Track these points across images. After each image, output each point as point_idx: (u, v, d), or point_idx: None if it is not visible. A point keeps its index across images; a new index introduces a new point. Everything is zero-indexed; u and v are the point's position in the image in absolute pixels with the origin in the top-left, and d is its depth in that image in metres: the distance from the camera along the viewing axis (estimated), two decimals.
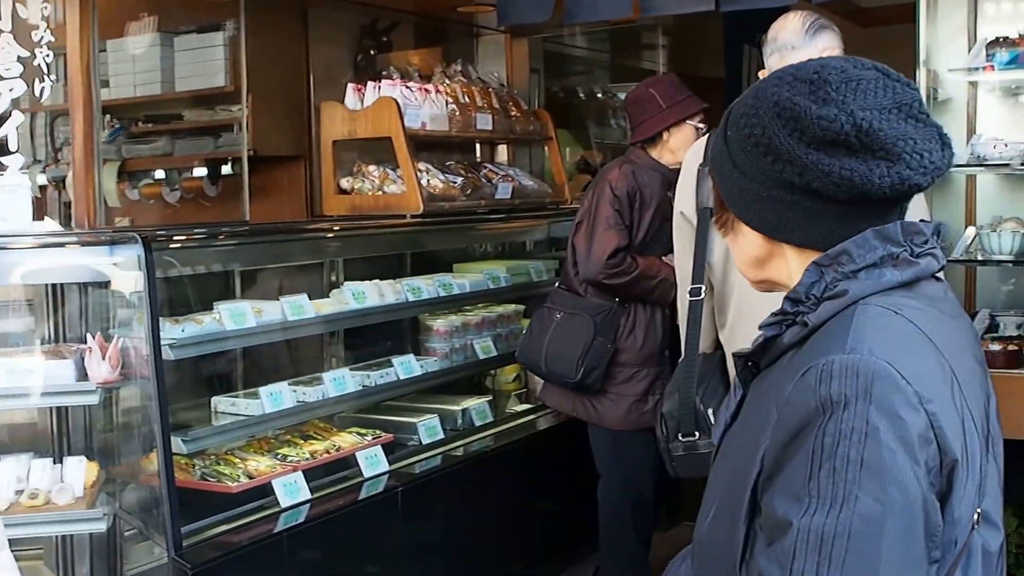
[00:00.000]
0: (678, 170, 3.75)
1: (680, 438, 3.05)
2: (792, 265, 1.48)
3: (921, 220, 1.46)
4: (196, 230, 3.81)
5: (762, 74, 3.10)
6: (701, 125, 3.93)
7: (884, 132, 1.36)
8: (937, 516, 1.31)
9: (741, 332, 2.90)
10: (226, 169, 6.26)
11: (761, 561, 1.33)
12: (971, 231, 3.73)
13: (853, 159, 1.37)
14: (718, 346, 3.11)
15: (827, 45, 2.98)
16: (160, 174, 6.29)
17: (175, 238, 3.40)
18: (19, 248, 3.18)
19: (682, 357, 3.13)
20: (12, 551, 3.45)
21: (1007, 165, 3.61)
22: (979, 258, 3.63)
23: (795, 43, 2.95)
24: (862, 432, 1.28)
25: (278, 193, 5.99)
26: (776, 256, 1.50)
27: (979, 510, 1.38)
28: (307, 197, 6.02)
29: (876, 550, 1.27)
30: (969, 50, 3.86)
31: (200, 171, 6.28)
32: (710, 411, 2.99)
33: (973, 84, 3.95)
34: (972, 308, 3.81)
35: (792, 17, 3.00)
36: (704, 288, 3.05)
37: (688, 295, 3.08)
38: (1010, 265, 3.61)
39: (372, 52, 6.17)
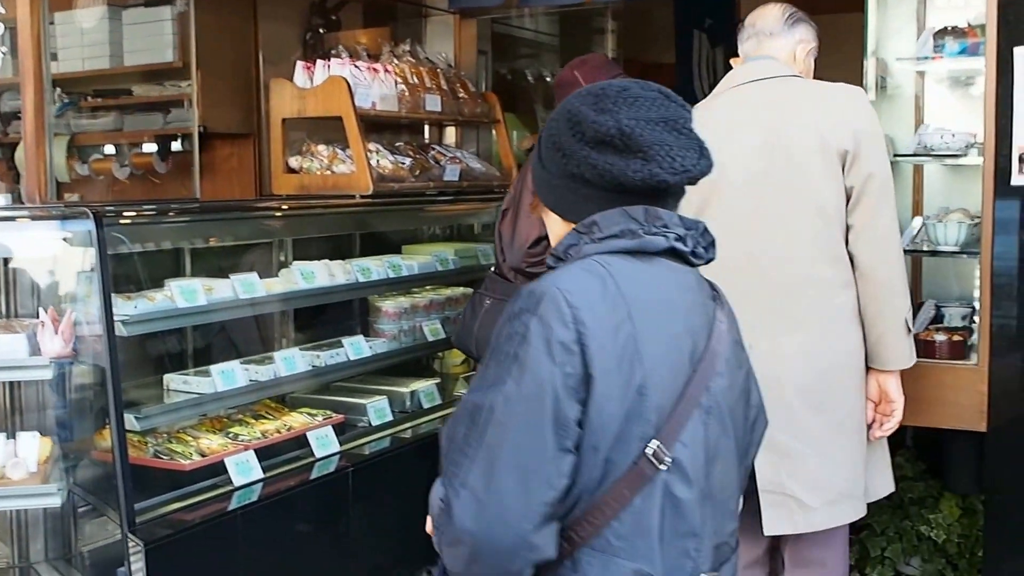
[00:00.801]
0: None
1: None
2: (562, 230, 1.85)
3: (687, 219, 1.81)
4: (147, 206, 3.80)
5: (734, 61, 3.21)
6: None
7: (644, 137, 1.70)
8: (568, 411, 1.62)
9: (744, 316, 2.98)
10: (176, 146, 6.24)
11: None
12: (918, 221, 3.78)
13: (616, 156, 1.72)
14: None
15: (803, 37, 3.15)
16: (110, 149, 6.24)
17: (126, 214, 3.40)
18: None
19: None
20: None
21: (954, 155, 3.67)
22: (925, 248, 3.68)
23: (774, 30, 3.11)
24: (522, 335, 1.66)
25: (227, 171, 5.97)
26: (558, 227, 1.85)
27: (656, 444, 1.67)
28: (256, 176, 6.02)
29: (509, 423, 1.63)
30: (917, 39, 3.90)
31: (150, 147, 6.24)
32: None
33: (921, 74, 3.99)
34: (919, 299, 3.85)
35: (772, 7, 3.16)
36: None
37: None
38: (958, 256, 3.65)
39: (320, 30, 6.16)
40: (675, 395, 1.71)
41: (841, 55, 3.56)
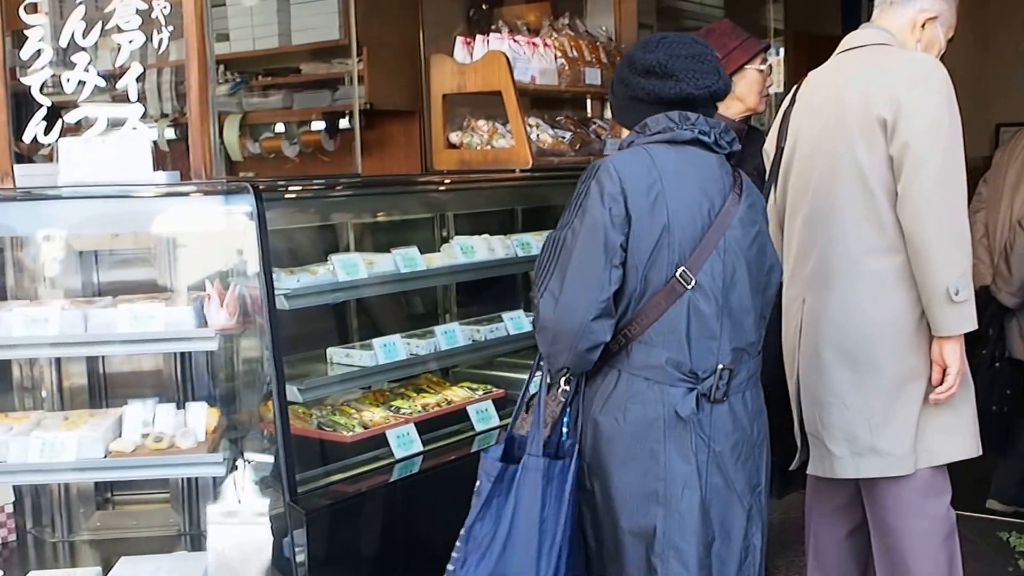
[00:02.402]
0: (749, 118, 3.95)
1: None
2: None
3: (711, 120, 2.52)
4: (308, 182, 3.85)
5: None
6: (762, 67, 3.85)
7: (675, 65, 2.46)
8: (615, 240, 2.35)
9: (800, 272, 3.14)
10: (344, 123, 6.34)
11: None
12: None
13: (657, 80, 2.48)
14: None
15: (924, 7, 3.14)
16: (280, 128, 6.39)
17: (288, 189, 3.44)
18: (138, 197, 3.24)
19: None
20: (142, 493, 3.61)
21: None
22: None
23: (894, 0, 3.16)
24: (586, 191, 2.41)
25: (393, 147, 6.03)
26: None
27: (683, 269, 2.39)
28: (422, 152, 6.06)
29: (575, 248, 2.38)
30: None
31: (318, 125, 6.36)
32: None
33: None
34: None
35: None
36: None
37: None
38: None
39: (484, 6, 6.15)
40: (696, 237, 2.42)
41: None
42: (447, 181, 4.32)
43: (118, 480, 3.41)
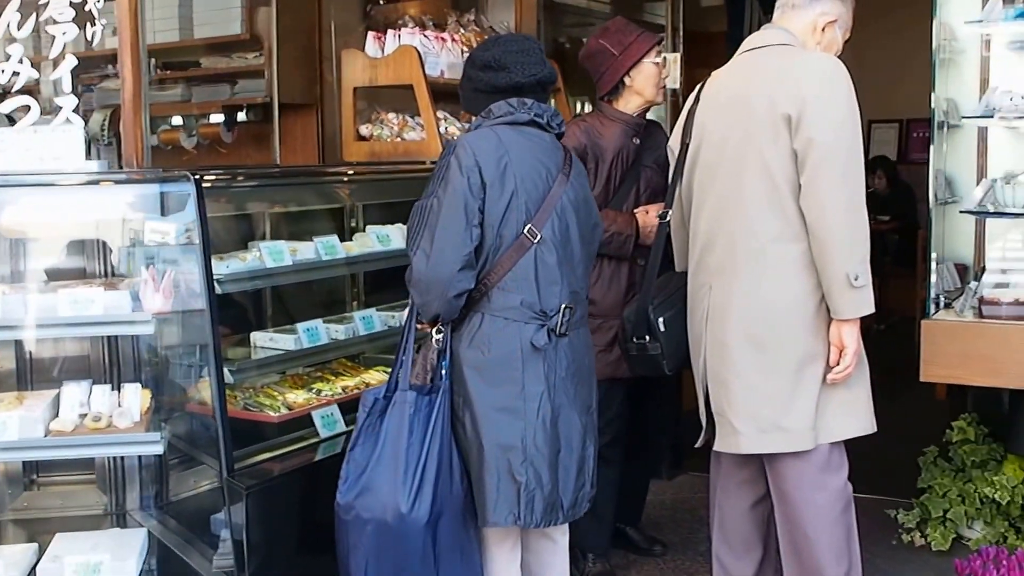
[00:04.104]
0: (644, 112, 4.09)
1: (634, 340, 3.52)
2: None
3: (543, 106, 3.10)
4: (235, 171, 3.97)
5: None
6: (658, 60, 4.00)
7: (506, 60, 3.04)
8: (472, 205, 2.87)
9: (706, 261, 3.32)
10: (242, 116, 6.38)
11: None
12: (984, 183, 3.91)
13: (493, 73, 3.05)
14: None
15: (825, 10, 3.36)
16: (177, 120, 6.40)
17: (220, 178, 3.55)
18: (73, 184, 3.33)
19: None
20: (67, 475, 3.68)
21: (1021, 118, 3.77)
22: (991, 210, 3.80)
23: (796, 3, 3.37)
24: (446, 165, 2.92)
25: (291, 141, 6.10)
26: None
27: (530, 227, 2.93)
28: (320, 145, 6.16)
29: (440, 212, 2.88)
30: (984, 4, 3.99)
31: (216, 118, 6.39)
32: (660, 320, 3.47)
33: (987, 37, 4.07)
34: (981, 262, 4.01)
35: None
36: (672, 212, 3.55)
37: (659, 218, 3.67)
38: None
39: (380, 1, 6.28)
40: (539, 199, 2.97)
41: (907, 18, 3.71)
42: (371, 171, 4.46)
43: (57, 459, 3.46)
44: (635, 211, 3.91)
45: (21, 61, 3.49)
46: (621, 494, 4.16)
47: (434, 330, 2.99)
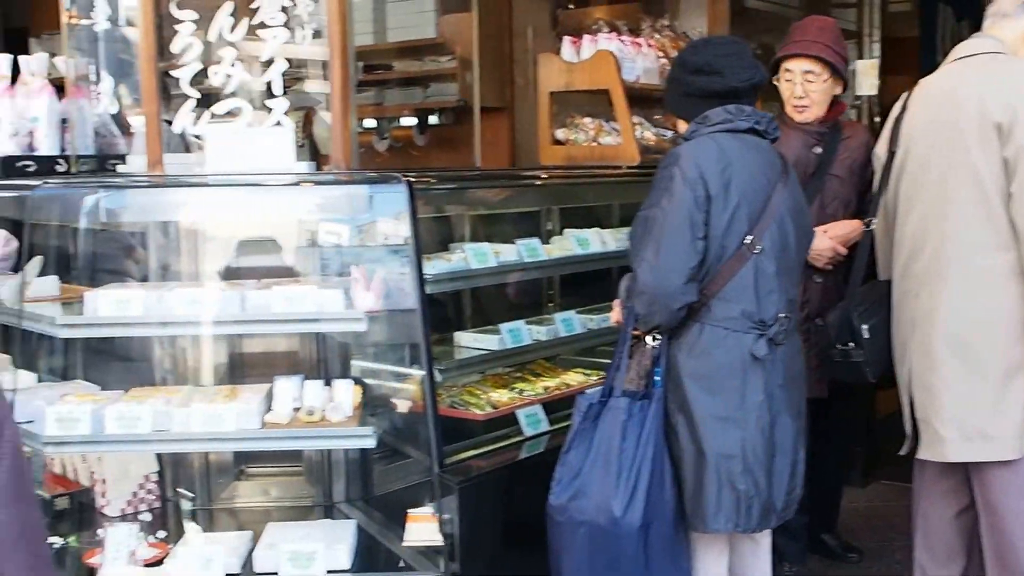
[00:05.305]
0: (829, 121, 3.98)
1: (837, 346, 3.53)
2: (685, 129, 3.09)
3: (760, 112, 3.04)
4: (444, 173, 4.04)
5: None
6: (788, 77, 3.91)
7: (719, 64, 2.99)
8: (698, 217, 2.84)
9: (912, 269, 3.32)
10: (433, 119, 6.51)
11: None
12: None
13: (705, 77, 3.00)
14: None
15: None
16: (369, 123, 6.58)
17: (431, 181, 3.61)
18: (284, 185, 3.42)
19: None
20: (277, 466, 3.79)
21: None
22: None
23: (1008, 11, 3.37)
24: (671, 176, 2.89)
25: (482, 143, 6.20)
26: (683, 128, 3.10)
27: (749, 238, 2.89)
28: (511, 148, 6.23)
29: (665, 224, 2.85)
30: None
31: (409, 121, 6.54)
32: (864, 327, 3.46)
33: None
34: None
35: None
36: (877, 220, 3.57)
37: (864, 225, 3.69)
38: None
39: (571, 6, 6.31)
40: (759, 209, 2.92)
41: None
42: (567, 176, 4.48)
43: (271, 451, 3.57)
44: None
45: (233, 64, 3.62)
46: (816, 501, 4.10)
47: (650, 337, 2.97)
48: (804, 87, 3.88)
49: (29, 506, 1.38)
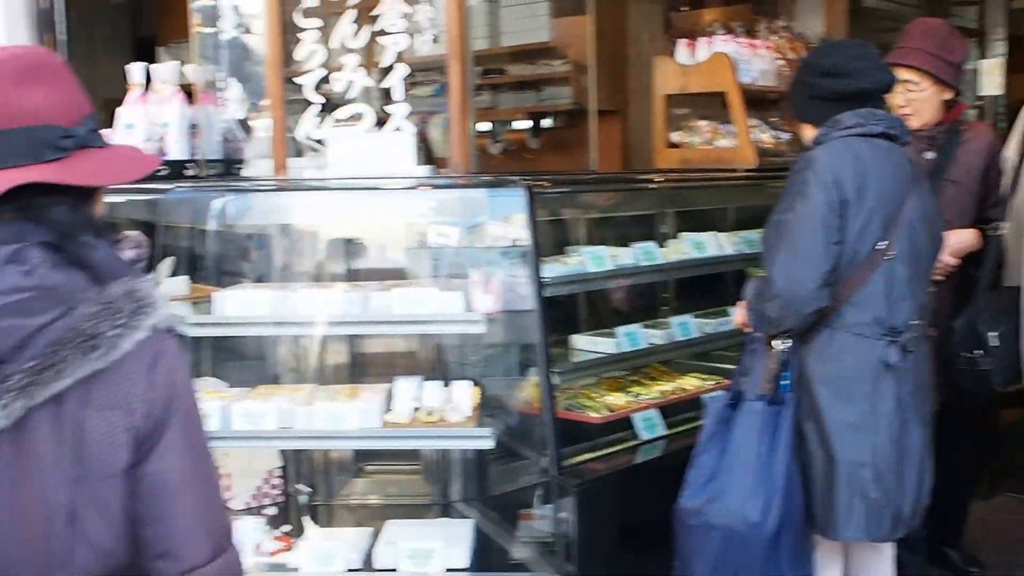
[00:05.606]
0: (945, 124, 3.82)
1: (963, 354, 3.49)
2: (811, 133, 3.05)
3: (892, 116, 3.03)
4: (557, 177, 4.06)
5: None
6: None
7: (849, 66, 2.94)
8: (832, 221, 2.81)
9: None
10: (546, 122, 6.55)
11: None
12: None
13: (834, 79, 2.95)
14: None
15: None
16: (483, 126, 6.64)
17: (547, 185, 3.63)
18: (406, 189, 3.49)
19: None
20: (395, 464, 3.86)
21: None
22: None
23: None
24: (805, 180, 2.85)
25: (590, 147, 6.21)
26: (808, 132, 3.06)
27: (883, 244, 2.85)
28: (623, 151, 6.23)
29: (800, 227, 2.81)
30: None
31: (523, 124, 6.58)
32: (992, 334, 3.44)
33: None
34: None
35: None
36: (1007, 225, 3.54)
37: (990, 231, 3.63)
38: None
39: (684, 8, 6.28)
40: (892, 215, 2.87)
41: None
42: (683, 179, 4.46)
43: (392, 449, 3.64)
44: None
45: (355, 70, 3.70)
46: (940, 513, 4.00)
47: (778, 341, 2.95)
48: (905, 96, 3.74)
49: (200, 458, 1.49)
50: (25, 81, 1.46)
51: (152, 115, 3.73)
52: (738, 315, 3.18)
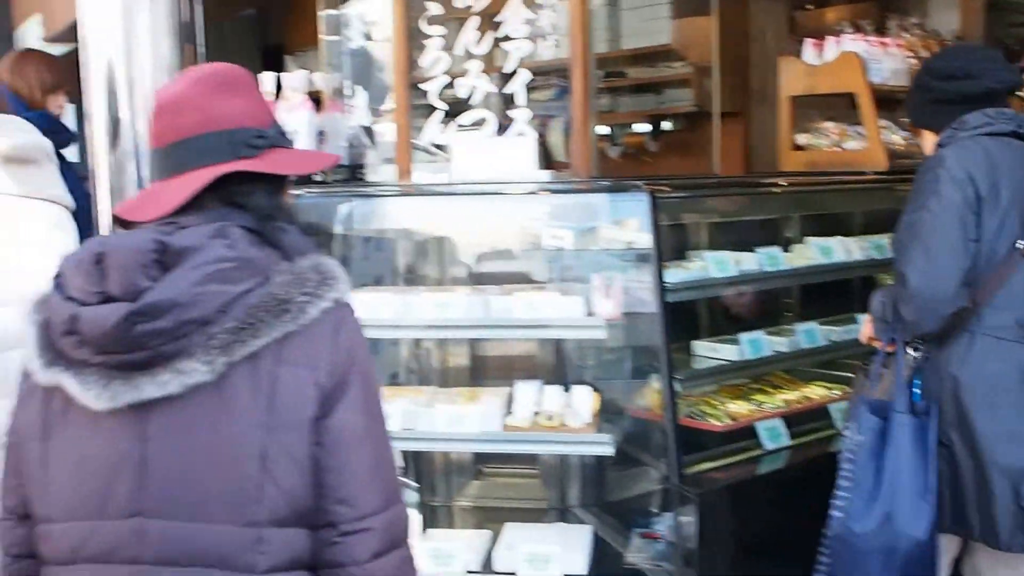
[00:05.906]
0: None
1: None
2: (931, 141, 3.02)
3: (1021, 116, 2.93)
4: (684, 181, 4.02)
5: None
6: None
7: (973, 68, 2.92)
8: (968, 218, 2.75)
9: None
10: (666, 125, 6.49)
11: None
12: None
13: (959, 82, 2.92)
14: None
15: None
16: (602, 129, 6.61)
17: (670, 189, 3.59)
18: (529, 193, 3.50)
19: None
20: (514, 468, 3.87)
21: None
22: None
23: None
24: (936, 178, 2.79)
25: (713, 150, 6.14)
26: (929, 139, 3.04)
27: (1021, 243, 2.77)
28: (745, 154, 6.13)
29: (934, 226, 2.75)
30: None
31: (642, 127, 6.54)
32: None
33: None
34: None
35: None
36: None
37: None
38: None
39: (808, 7, 6.17)
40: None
41: None
42: (810, 182, 4.36)
43: (513, 452, 3.65)
44: None
45: (479, 76, 3.72)
46: None
47: (910, 348, 2.88)
48: None
49: (376, 418, 1.64)
50: (224, 92, 1.68)
51: (282, 122, 3.80)
52: (864, 328, 3.11)
